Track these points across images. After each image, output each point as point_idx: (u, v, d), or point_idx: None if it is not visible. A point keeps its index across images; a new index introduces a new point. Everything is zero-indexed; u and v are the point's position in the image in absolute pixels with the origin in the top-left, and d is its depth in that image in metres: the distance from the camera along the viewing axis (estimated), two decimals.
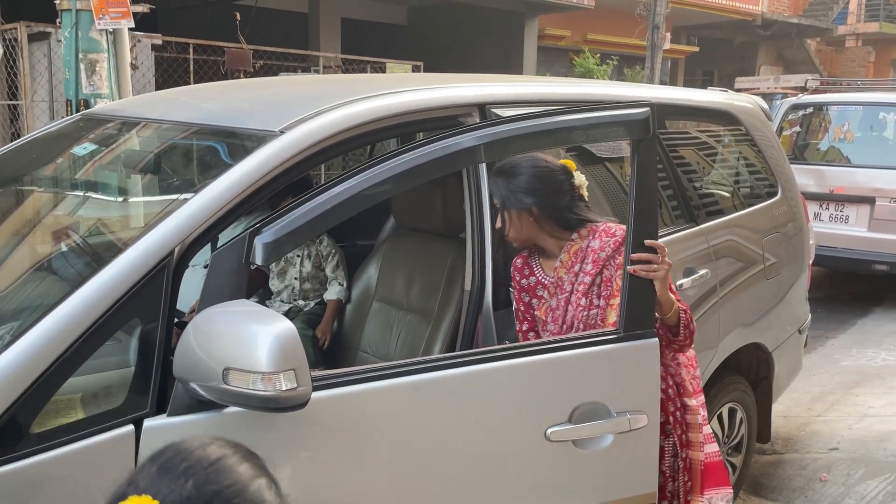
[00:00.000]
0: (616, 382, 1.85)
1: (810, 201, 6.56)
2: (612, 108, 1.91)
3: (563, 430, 1.77)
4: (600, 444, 1.81)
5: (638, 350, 1.86)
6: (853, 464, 3.69)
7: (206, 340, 1.35)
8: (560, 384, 1.80)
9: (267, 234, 1.45)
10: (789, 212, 3.53)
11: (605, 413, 1.81)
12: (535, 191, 2.05)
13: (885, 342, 5.62)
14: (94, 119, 2.41)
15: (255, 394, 1.31)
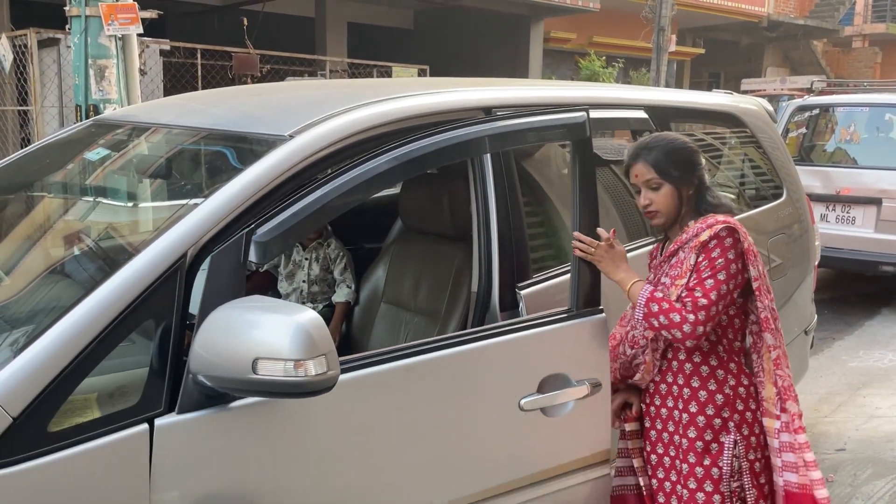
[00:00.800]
0: (574, 354, 2.07)
1: (817, 203, 6.56)
2: (553, 113, 2.13)
3: (534, 399, 1.97)
4: (564, 410, 2.03)
5: (588, 325, 2.08)
6: (860, 464, 3.70)
7: (232, 334, 1.40)
8: (528, 359, 1.99)
9: (263, 232, 1.49)
10: (795, 213, 3.55)
11: (567, 382, 2.03)
12: (696, 168, 2.13)
13: (892, 343, 5.62)
14: (106, 124, 2.45)
15: (287, 380, 1.37)
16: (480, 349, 1.91)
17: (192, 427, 1.45)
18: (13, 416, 1.33)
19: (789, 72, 22.68)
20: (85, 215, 2.23)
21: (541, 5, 13.98)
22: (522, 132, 2.11)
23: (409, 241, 2.81)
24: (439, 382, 1.85)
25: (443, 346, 1.86)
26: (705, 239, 2.03)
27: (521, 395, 1.95)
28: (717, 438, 2.05)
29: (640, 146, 2.15)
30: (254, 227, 1.58)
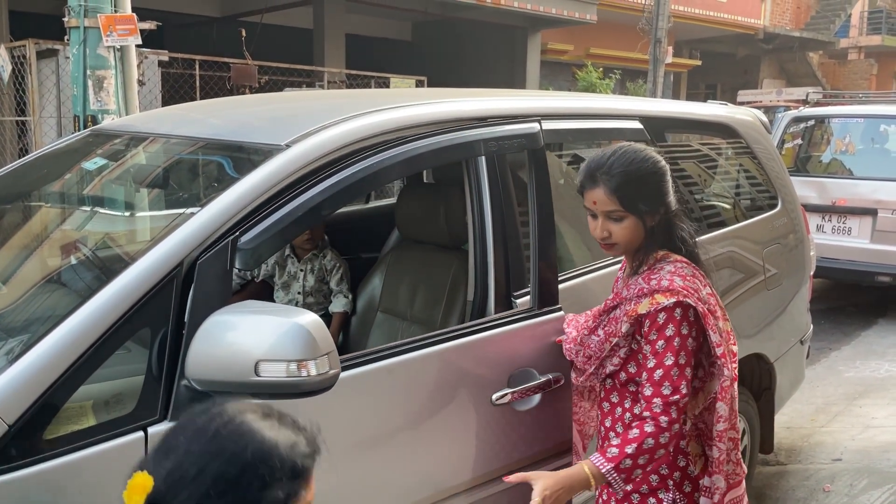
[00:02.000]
0: (537, 350, 2.15)
1: (813, 213, 6.59)
2: (508, 123, 2.21)
3: (504, 393, 2.05)
4: (531, 403, 2.12)
5: (549, 322, 2.18)
6: (856, 474, 3.70)
7: (233, 338, 1.41)
8: (498, 356, 2.07)
9: (247, 239, 1.51)
10: (789, 223, 3.56)
11: (533, 377, 2.11)
12: (665, 196, 1.86)
13: (888, 353, 5.63)
14: (103, 134, 2.46)
15: (289, 381, 1.39)
16: (454, 348, 1.99)
17: None
18: (9, 423, 1.33)
19: (785, 83, 22.81)
20: (82, 225, 2.24)
21: (538, 17, 14.06)
22: (486, 141, 2.14)
23: (406, 251, 2.82)
24: (416, 382, 1.92)
25: (419, 347, 1.93)
26: (643, 313, 1.81)
27: (492, 391, 2.03)
28: (655, 494, 1.93)
29: (599, 166, 1.84)
30: (239, 235, 1.59)
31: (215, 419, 1.03)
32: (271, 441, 1.01)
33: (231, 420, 1.03)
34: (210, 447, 1.00)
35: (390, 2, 12.87)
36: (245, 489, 0.99)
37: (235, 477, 0.98)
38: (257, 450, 1.00)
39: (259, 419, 1.04)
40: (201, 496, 0.97)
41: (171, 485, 0.98)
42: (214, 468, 0.98)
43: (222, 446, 1.00)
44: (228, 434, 1.01)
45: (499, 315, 2.14)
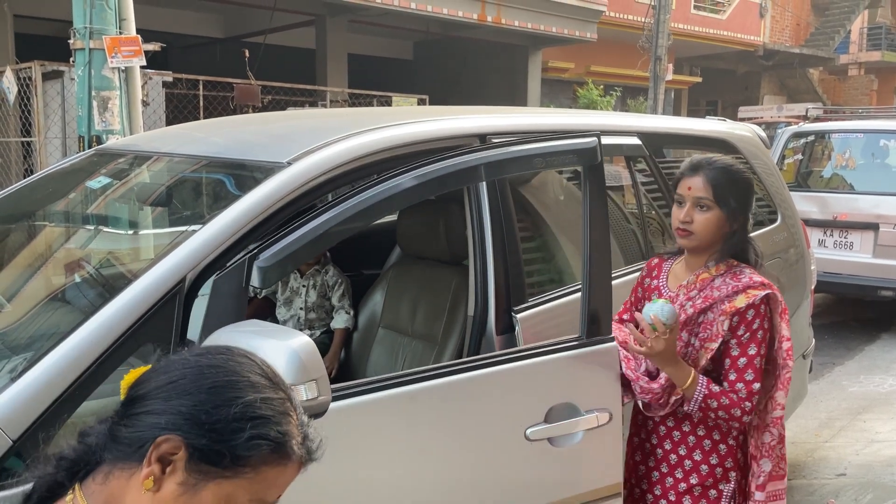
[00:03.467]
0: (582, 384, 2.01)
1: (815, 228, 6.60)
2: (564, 138, 2.07)
3: (541, 429, 1.92)
4: (572, 441, 1.97)
5: (598, 353, 2.03)
6: (861, 489, 3.68)
7: None
8: (535, 388, 1.95)
9: (265, 258, 1.51)
10: (789, 238, 3.58)
11: (575, 412, 1.97)
12: (749, 207, 2.04)
13: (892, 368, 5.62)
14: (108, 154, 2.49)
15: None
16: (485, 376, 1.87)
17: None
18: (13, 438, 1.34)
19: (786, 99, 22.89)
20: (86, 243, 2.26)
21: (538, 35, 14.17)
22: (535, 157, 2.01)
23: (407, 267, 2.84)
24: (443, 410, 1.81)
25: (447, 373, 1.83)
26: (742, 307, 1.93)
27: (527, 425, 1.90)
28: (717, 486, 2.03)
29: (705, 160, 2.03)
30: (256, 252, 1.60)
31: (223, 347, 1.03)
32: (237, 392, 0.96)
33: (228, 352, 1.01)
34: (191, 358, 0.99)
35: (392, 22, 13.00)
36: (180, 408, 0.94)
37: (182, 391, 0.95)
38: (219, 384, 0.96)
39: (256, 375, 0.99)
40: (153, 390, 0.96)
41: (155, 373, 0.99)
42: (177, 376, 0.97)
43: (199, 363, 0.98)
44: (212, 358, 0.99)
45: (542, 343, 2.02)
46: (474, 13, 12.61)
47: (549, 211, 2.89)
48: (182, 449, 0.93)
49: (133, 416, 0.96)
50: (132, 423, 0.96)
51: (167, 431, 0.93)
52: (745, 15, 20.70)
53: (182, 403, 0.94)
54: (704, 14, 19.63)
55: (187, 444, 0.93)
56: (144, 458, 0.93)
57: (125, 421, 0.97)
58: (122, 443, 0.96)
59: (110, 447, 0.97)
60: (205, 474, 0.94)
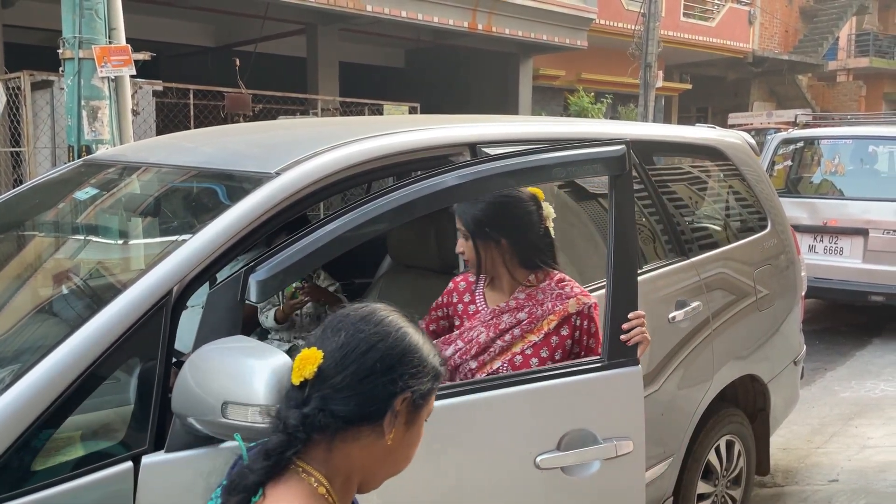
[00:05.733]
0: (601, 410, 1.91)
1: (805, 234, 6.62)
2: (590, 146, 1.97)
3: (552, 457, 1.83)
4: (588, 471, 1.87)
5: (621, 378, 1.93)
6: (853, 495, 3.68)
7: (205, 376, 1.38)
8: (548, 413, 1.86)
9: (261, 271, 1.49)
10: (780, 244, 3.59)
11: (591, 440, 1.87)
12: (506, 223, 2.05)
13: (883, 373, 5.63)
14: (95, 164, 2.48)
15: (254, 426, 1.35)
16: (493, 399, 1.79)
17: (180, 466, 1.45)
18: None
19: (776, 106, 23.02)
20: (73, 254, 2.24)
21: (529, 44, 14.22)
22: (557, 166, 1.92)
23: (398, 275, 2.83)
24: (443, 433, 1.71)
25: (450, 395, 1.76)
26: (573, 312, 2.06)
27: (537, 452, 1.82)
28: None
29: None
30: (254, 266, 1.57)
31: (378, 311, 1.21)
32: (419, 340, 1.20)
33: (389, 314, 1.20)
34: (378, 329, 1.17)
35: (383, 30, 13.01)
36: (402, 371, 1.15)
37: (397, 358, 1.15)
38: (412, 342, 1.18)
39: (408, 322, 1.22)
40: (367, 370, 1.13)
41: (342, 356, 1.14)
42: (381, 347, 1.15)
43: (387, 331, 1.17)
44: (390, 323, 1.18)
45: (559, 365, 1.93)
46: (465, 21, 12.64)
47: None
48: (409, 400, 1.17)
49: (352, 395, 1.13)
50: (352, 400, 1.13)
51: (398, 394, 1.15)
52: (734, 22, 20.83)
53: (402, 368, 1.16)
54: (694, 21, 19.75)
55: (413, 395, 1.17)
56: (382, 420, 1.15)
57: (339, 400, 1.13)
58: (341, 417, 1.13)
59: (323, 425, 1.13)
60: (418, 407, 1.19)
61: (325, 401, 1.13)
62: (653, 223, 3.10)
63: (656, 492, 2.74)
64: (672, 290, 2.85)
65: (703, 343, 2.91)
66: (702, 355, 2.90)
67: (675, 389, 2.77)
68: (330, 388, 1.13)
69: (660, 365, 2.70)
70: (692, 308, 2.85)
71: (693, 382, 2.88)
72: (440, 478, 1.75)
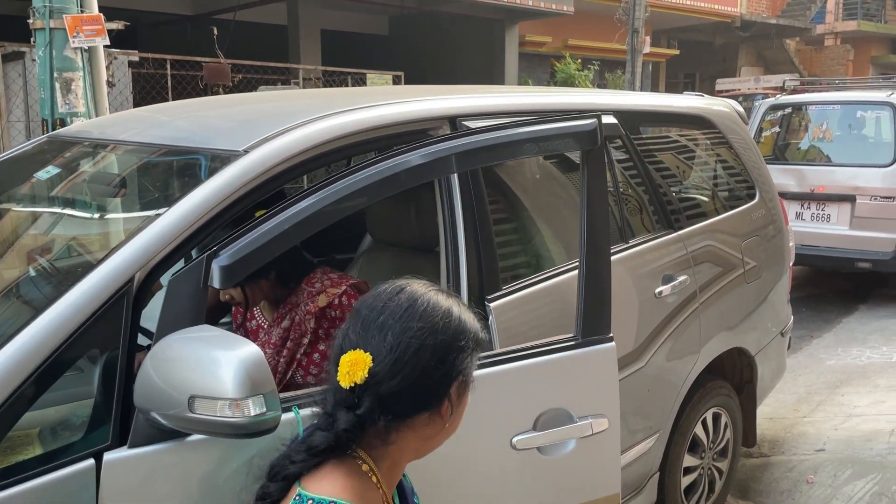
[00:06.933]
0: (576, 388, 1.89)
1: (792, 201, 6.59)
2: (560, 120, 1.90)
3: (529, 437, 1.80)
4: (564, 450, 1.86)
5: (595, 355, 1.91)
6: (840, 465, 3.68)
7: (169, 369, 1.31)
8: (523, 393, 1.83)
9: (224, 256, 1.41)
10: (768, 214, 3.53)
11: (567, 419, 1.85)
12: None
13: (869, 340, 5.64)
14: (59, 141, 2.37)
15: (224, 421, 1.28)
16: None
17: (144, 462, 1.38)
18: None
19: (763, 71, 22.90)
20: (28, 239, 2.15)
21: (515, 9, 13.98)
22: (526, 142, 1.84)
23: (378, 253, 2.75)
24: None
25: None
26: (323, 305, 2.17)
27: (513, 433, 1.79)
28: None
29: None
30: (217, 250, 1.49)
31: (417, 298, 1.18)
32: (462, 316, 1.19)
33: (428, 298, 1.19)
34: (424, 324, 1.15)
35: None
36: (454, 356, 1.16)
37: (448, 347, 1.15)
38: (458, 325, 1.18)
39: (446, 297, 1.21)
40: (422, 369, 1.14)
41: (394, 361, 1.13)
42: (432, 343, 1.14)
43: (434, 323, 1.16)
44: (433, 311, 1.17)
45: (532, 344, 1.89)
46: None
47: (525, 192, 2.81)
48: (461, 378, 1.20)
49: (408, 394, 1.15)
50: (408, 398, 1.15)
51: (453, 382, 1.18)
52: None
53: (453, 357, 1.16)
54: None
55: (464, 375, 1.20)
56: (440, 408, 1.18)
57: (394, 400, 1.14)
58: (394, 411, 1.14)
59: (376, 418, 1.14)
60: (467, 380, 1.22)
61: (379, 401, 1.13)
62: (640, 194, 3.03)
63: (643, 467, 2.72)
64: (659, 265, 2.80)
65: (690, 317, 2.87)
66: (689, 330, 2.86)
67: (661, 365, 2.73)
68: (385, 391, 1.14)
69: (646, 341, 2.66)
70: (679, 282, 2.80)
71: (680, 357, 2.84)
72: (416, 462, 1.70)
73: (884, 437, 3.87)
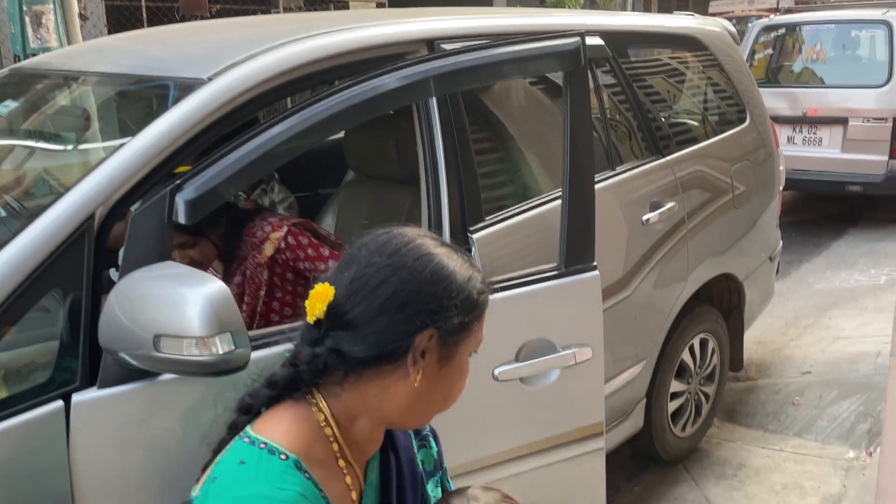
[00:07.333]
0: (559, 318, 1.85)
1: (784, 125, 6.50)
2: (541, 40, 1.80)
3: (511, 368, 1.78)
4: (547, 380, 1.84)
5: (578, 284, 1.86)
6: (825, 386, 3.72)
7: (133, 307, 1.26)
8: (505, 324, 1.78)
9: (189, 190, 1.34)
10: (758, 138, 3.46)
11: (550, 349, 1.82)
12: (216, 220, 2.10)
13: (858, 263, 5.64)
14: (21, 74, 2.26)
15: (191, 360, 1.24)
16: None
17: (115, 402, 1.35)
18: None
19: None
20: None
21: None
22: (506, 63, 1.76)
23: (358, 187, 2.69)
24: None
25: None
26: (271, 254, 2.12)
27: (495, 364, 1.77)
28: None
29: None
30: (180, 184, 1.43)
31: (397, 238, 1.09)
32: (448, 267, 1.08)
33: (411, 241, 1.09)
34: (392, 261, 1.06)
35: None
36: (421, 306, 1.04)
37: (413, 292, 1.04)
38: (436, 271, 1.06)
39: (437, 246, 1.10)
40: (381, 305, 1.04)
41: (351, 292, 1.05)
42: (395, 281, 1.04)
43: (403, 262, 1.06)
44: (409, 252, 1.07)
45: (514, 275, 1.83)
46: None
47: (513, 120, 2.73)
48: (435, 336, 1.06)
49: (365, 335, 1.04)
50: (365, 340, 1.04)
51: (420, 331, 1.04)
52: None
53: (420, 303, 1.05)
54: None
55: (439, 330, 1.06)
56: (404, 360, 1.05)
57: (354, 340, 1.04)
58: (354, 358, 1.05)
59: (334, 365, 1.06)
60: (455, 343, 1.09)
61: (337, 340, 1.05)
62: (629, 120, 2.95)
63: (630, 394, 2.73)
64: (646, 191, 2.75)
65: (678, 245, 2.83)
66: (676, 257, 2.83)
67: (648, 293, 2.71)
68: (342, 328, 1.05)
69: (633, 269, 2.63)
70: (667, 209, 2.75)
71: (667, 285, 2.81)
72: None
73: (870, 358, 3.91)
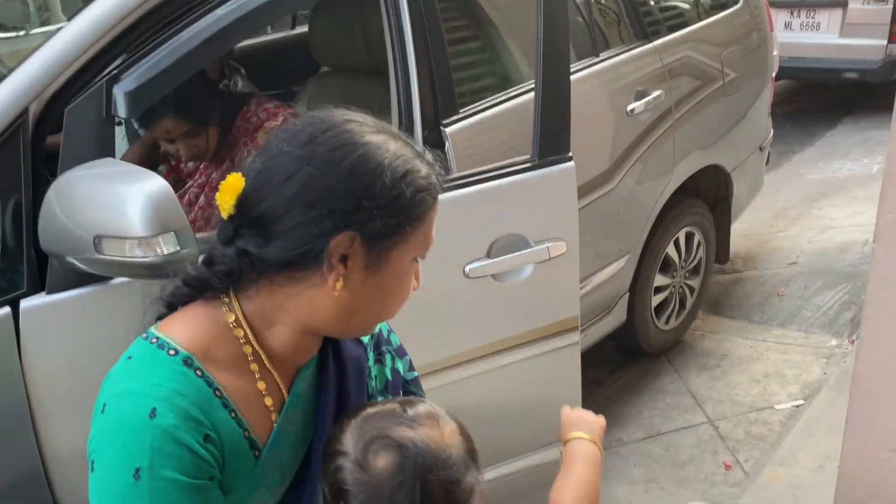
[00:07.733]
0: (532, 212, 1.78)
1: (781, 9, 6.24)
2: None
3: (482, 265, 1.72)
4: (520, 276, 1.78)
5: (553, 176, 1.77)
6: (811, 276, 3.72)
7: (72, 207, 1.19)
8: (476, 219, 1.72)
9: (128, 81, 1.24)
10: (752, 20, 3.31)
11: (523, 244, 1.76)
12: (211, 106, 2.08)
13: (851, 152, 5.55)
14: None
15: (135, 261, 1.18)
16: None
17: (66, 307, 1.30)
18: None
19: None
20: None
21: None
22: None
23: (326, 80, 2.56)
24: None
25: None
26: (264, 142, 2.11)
27: (466, 261, 1.71)
28: None
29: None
30: (117, 74, 1.34)
31: (314, 124, 0.95)
32: (373, 160, 0.92)
33: (332, 128, 0.94)
34: (303, 151, 0.92)
35: None
36: (333, 205, 0.91)
37: (324, 189, 0.91)
38: (356, 165, 0.91)
39: (370, 134, 0.94)
40: (287, 202, 0.91)
41: (257, 186, 0.93)
42: (303, 175, 0.91)
43: (316, 153, 0.91)
44: (325, 140, 0.92)
45: (482, 169, 1.75)
46: None
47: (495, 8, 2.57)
48: (357, 240, 0.93)
49: (273, 235, 0.93)
50: (273, 240, 0.93)
51: (335, 233, 0.91)
52: None
53: (333, 201, 0.91)
54: None
55: (360, 234, 0.93)
56: (318, 265, 0.93)
57: (263, 241, 0.93)
58: (264, 260, 0.94)
59: (248, 268, 0.95)
60: (385, 248, 0.96)
61: (246, 241, 0.94)
62: (620, 4, 2.79)
63: (612, 288, 2.70)
64: (631, 79, 2.63)
65: (665, 135, 2.74)
66: (662, 148, 2.74)
67: (632, 186, 2.64)
68: (251, 223, 0.93)
69: (617, 161, 2.55)
70: (653, 98, 2.65)
71: (652, 177, 2.74)
72: None
73: (857, 247, 3.89)
